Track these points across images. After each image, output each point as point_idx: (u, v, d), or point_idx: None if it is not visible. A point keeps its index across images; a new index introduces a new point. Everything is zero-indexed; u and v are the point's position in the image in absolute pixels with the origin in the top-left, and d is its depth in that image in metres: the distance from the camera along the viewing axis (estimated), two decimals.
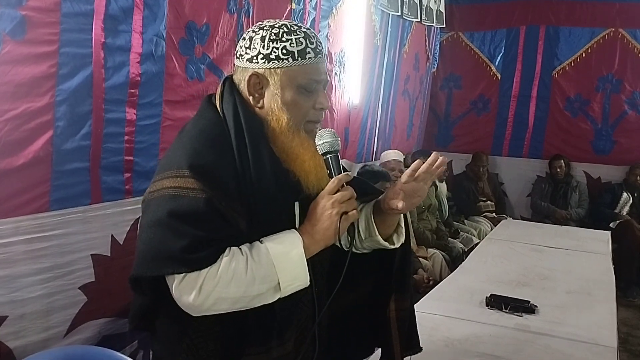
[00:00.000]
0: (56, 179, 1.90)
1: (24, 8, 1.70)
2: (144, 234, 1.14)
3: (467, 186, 5.43)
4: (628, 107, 5.47)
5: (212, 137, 1.20)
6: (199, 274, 1.10)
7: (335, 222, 1.19)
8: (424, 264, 3.65)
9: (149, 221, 1.14)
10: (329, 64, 3.63)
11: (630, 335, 3.80)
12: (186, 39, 2.36)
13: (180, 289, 1.11)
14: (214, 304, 1.12)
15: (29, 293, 1.87)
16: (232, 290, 1.12)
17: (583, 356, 1.89)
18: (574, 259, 3.17)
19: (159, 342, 1.34)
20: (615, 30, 5.44)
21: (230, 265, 1.12)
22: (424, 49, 5.53)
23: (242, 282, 1.13)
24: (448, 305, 2.28)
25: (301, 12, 3.19)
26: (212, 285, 1.11)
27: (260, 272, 1.14)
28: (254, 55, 1.22)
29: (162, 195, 1.14)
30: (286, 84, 1.22)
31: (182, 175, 1.14)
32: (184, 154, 1.17)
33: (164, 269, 1.11)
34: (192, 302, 1.11)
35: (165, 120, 2.29)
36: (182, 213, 1.11)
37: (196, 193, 1.12)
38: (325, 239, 1.21)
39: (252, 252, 1.16)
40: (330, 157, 1.24)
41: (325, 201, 1.20)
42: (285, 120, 1.23)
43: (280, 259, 1.16)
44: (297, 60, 1.21)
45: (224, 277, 1.11)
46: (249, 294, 1.14)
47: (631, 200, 5.20)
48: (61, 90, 1.85)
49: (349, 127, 4.10)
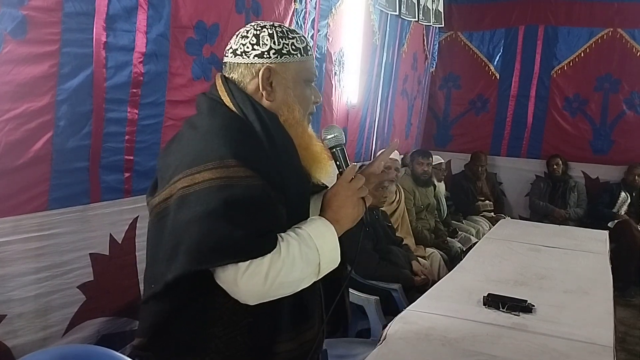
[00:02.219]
0: (56, 178, 1.90)
1: (25, 8, 1.70)
2: (194, 227, 1.13)
3: (465, 186, 5.44)
4: (626, 107, 5.48)
5: (239, 130, 1.24)
6: (263, 260, 1.13)
7: (360, 207, 1.29)
8: (422, 263, 3.65)
9: (197, 214, 1.13)
10: (328, 64, 3.64)
11: (627, 335, 3.81)
12: (194, 38, 2.36)
13: (246, 278, 1.12)
14: (277, 288, 1.16)
15: (27, 292, 1.87)
16: (292, 274, 1.17)
17: (580, 355, 1.90)
18: (572, 259, 3.17)
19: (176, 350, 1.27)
20: (613, 30, 5.44)
21: (288, 250, 1.16)
22: (422, 48, 5.53)
23: (299, 266, 1.18)
24: (445, 304, 2.28)
25: (303, 11, 3.20)
26: (277, 270, 1.14)
27: (310, 255, 1.19)
28: (264, 51, 1.28)
29: (208, 187, 1.14)
30: (296, 78, 1.31)
31: (228, 165, 1.15)
32: (220, 145, 1.18)
33: (228, 258, 1.12)
34: (259, 290, 1.14)
35: (167, 120, 2.30)
36: (238, 201, 1.13)
37: (250, 181, 1.15)
38: (348, 223, 1.29)
39: (300, 237, 1.20)
40: (338, 150, 1.36)
41: (345, 189, 1.28)
42: (297, 112, 1.31)
43: (321, 242, 1.22)
44: (304, 56, 1.32)
45: (286, 262, 1.15)
46: (302, 277, 1.20)
47: (629, 199, 5.21)
48: (62, 90, 1.86)
49: (347, 127, 4.11)
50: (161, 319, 1.24)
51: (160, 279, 1.19)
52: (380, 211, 3.45)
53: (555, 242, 3.51)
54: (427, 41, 5.61)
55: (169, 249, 1.16)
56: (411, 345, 1.88)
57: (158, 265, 1.20)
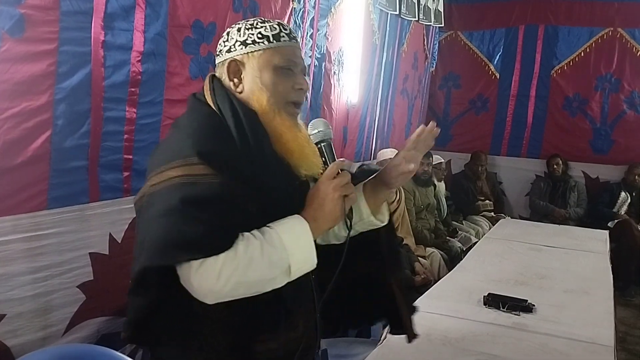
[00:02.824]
0: (54, 177, 1.90)
1: (23, 6, 1.69)
2: (155, 224, 1.13)
3: (465, 185, 5.43)
4: (627, 107, 5.48)
5: (212, 128, 1.23)
6: (217, 259, 1.10)
7: (339, 205, 1.23)
8: (422, 262, 3.65)
9: (159, 211, 1.13)
10: (327, 63, 3.63)
11: (628, 335, 3.81)
12: (192, 37, 2.36)
13: (198, 276, 1.11)
14: (232, 289, 1.13)
15: (27, 291, 1.87)
16: (250, 274, 1.13)
17: (580, 355, 1.89)
18: (572, 258, 3.17)
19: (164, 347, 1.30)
20: (614, 30, 5.44)
21: (247, 249, 1.13)
22: (422, 48, 5.53)
23: (259, 266, 1.14)
24: (446, 304, 2.28)
25: (301, 10, 3.19)
26: (231, 269, 1.11)
27: (275, 255, 1.16)
28: (231, 45, 1.29)
29: (170, 185, 1.14)
30: (263, 66, 1.27)
31: (191, 163, 1.14)
32: (188, 144, 1.18)
33: (181, 255, 1.11)
34: (211, 288, 1.11)
35: (166, 119, 2.29)
36: (195, 199, 1.12)
37: (209, 178, 1.13)
38: (329, 222, 1.24)
39: (265, 236, 1.17)
40: (323, 145, 1.31)
41: (326, 186, 1.24)
42: (265, 100, 1.27)
43: (291, 243, 1.18)
44: (272, 43, 1.27)
45: (242, 262, 1.12)
46: (264, 278, 1.16)
47: (629, 199, 5.20)
48: (60, 89, 1.85)
49: (347, 126, 4.11)
50: (140, 315, 1.24)
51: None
52: None
53: (556, 242, 3.51)
54: (427, 41, 5.60)
55: (138, 246, 1.17)
56: (411, 345, 1.87)
57: (133, 263, 1.20)
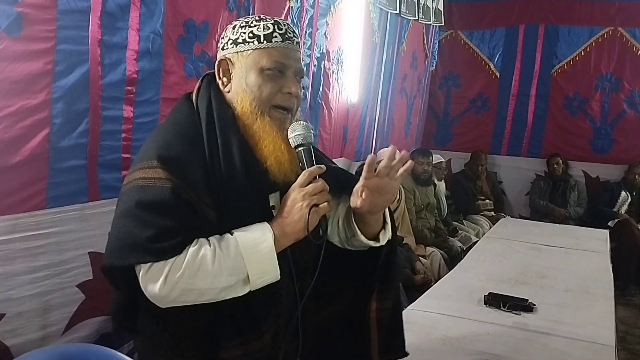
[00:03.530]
0: (53, 176, 1.90)
1: (20, 5, 1.69)
2: (114, 225, 1.16)
3: (465, 185, 5.43)
4: (627, 106, 5.47)
5: (183, 130, 1.22)
6: (164, 263, 1.10)
7: (305, 215, 1.17)
8: (422, 262, 3.65)
9: (119, 212, 1.16)
10: (326, 62, 3.62)
11: (628, 334, 3.80)
12: (184, 36, 2.35)
13: (146, 279, 1.12)
14: (180, 295, 1.12)
15: (26, 291, 1.87)
16: (198, 281, 1.12)
17: (581, 355, 1.89)
18: (573, 258, 3.17)
19: (141, 340, 1.34)
20: (614, 29, 5.43)
21: (196, 256, 1.12)
22: (422, 47, 5.52)
23: (209, 274, 1.12)
24: (446, 303, 2.28)
25: (299, 9, 3.18)
26: (178, 275, 1.10)
27: (228, 264, 1.14)
28: (225, 43, 1.28)
29: (132, 187, 1.16)
30: (251, 67, 1.23)
31: (151, 166, 1.15)
32: (154, 146, 1.19)
33: (130, 258, 1.12)
34: (157, 293, 1.12)
35: (163, 118, 2.28)
36: (148, 202, 1.12)
37: (163, 183, 1.13)
38: (295, 232, 1.19)
39: (221, 243, 1.15)
40: (302, 149, 1.23)
41: (296, 194, 1.19)
42: (247, 102, 1.23)
43: (250, 252, 1.15)
44: (263, 43, 1.23)
45: (189, 268, 1.11)
46: (216, 286, 1.14)
47: (629, 199, 5.20)
48: (58, 88, 1.85)
49: (347, 125, 4.10)
50: (119, 307, 1.28)
51: None
52: None
53: (556, 241, 3.51)
54: (427, 40, 5.59)
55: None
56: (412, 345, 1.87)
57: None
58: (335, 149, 3.96)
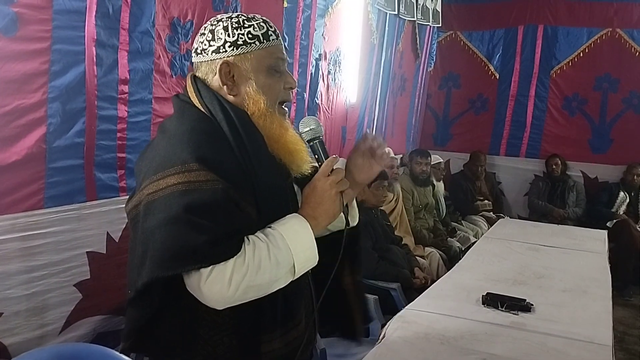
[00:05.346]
0: (50, 176, 1.90)
1: (15, 5, 1.70)
2: (158, 234, 1.10)
3: (464, 185, 5.43)
4: (625, 107, 5.48)
5: (206, 132, 1.20)
6: (226, 265, 1.10)
7: (338, 201, 1.24)
8: (421, 262, 3.65)
9: (161, 220, 1.11)
10: (324, 63, 3.63)
11: (626, 334, 3.80)
12: (171, 35, 2.35)
13: (209, 284, 1.10)
14: (243, 293, 1.13)
15: (24, 290, 1.87)
16: (260, 277, 1.14)
17: (578, 354, 1.89)
18: (571, 258, 3.16)
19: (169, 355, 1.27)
20: (612, 30, 5.44)
21: (254, 253, 1.14)
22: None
23: (268, 269, 1.15)
24: (444, 303, 2.28)
25: (294, 10, 3.17)
26: (242, 274, 1.11)
27: (280, 256, 1.17)
28: (220, 46, 1.25)
29: (171, 193, 1.11)
30: (257, 68, 1.25)
31: (190, 169, 1.13)
32: (184, 149, 1.15)
33: (187, 265, 1.09)
34: (223, 295, 1.11)
35: (156, 118, 2.29)
36: (199, 206, 1.10)
37: (211, 185, 1.12)
38: (327, 219, 1.26)
39: (269, 238, 1.18)
40: (316, 142, 1.32)
41: (323, 183, 1.24)
42: (262, 103, 1.25)
43: (294, 242, 1.19)
44: (263, 43, 1.26)
45: (251, 266, 1.12)
46: (272, 279, 1.17)
47: (628, 199, 5.20)
48: (54, 87, 1.85)
49: (346, 126, 4.10)
50: (140, 324, 1.22)
51: (133, 286, 1.17)
52: (379, 210, 3.44)
53: (554, 242, 3.51)
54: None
55: (139, 256, 1.15)
56: (410, 344, 1.87)
57: (132, 272, 1.18)
58: (334, 150, 3.96)
